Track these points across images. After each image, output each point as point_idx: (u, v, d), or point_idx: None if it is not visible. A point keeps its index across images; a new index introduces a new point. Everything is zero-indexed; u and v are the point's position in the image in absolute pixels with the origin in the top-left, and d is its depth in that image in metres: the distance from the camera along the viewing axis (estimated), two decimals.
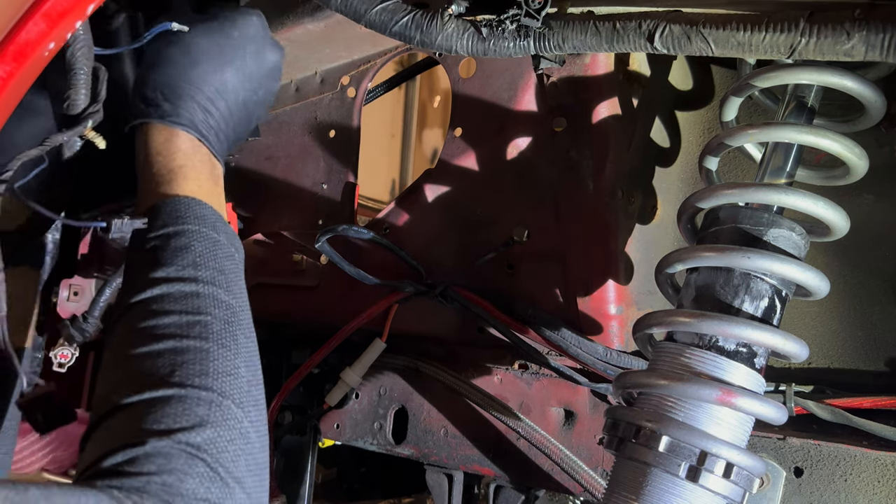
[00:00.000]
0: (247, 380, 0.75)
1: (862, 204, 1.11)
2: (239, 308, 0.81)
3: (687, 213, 1.01)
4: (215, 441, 0.68)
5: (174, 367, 0.71)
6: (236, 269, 0.85)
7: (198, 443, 0.66)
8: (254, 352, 0.80)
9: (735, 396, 0.86)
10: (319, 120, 1.54)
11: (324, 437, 1.62)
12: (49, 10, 0.80)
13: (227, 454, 0.68)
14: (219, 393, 0.71)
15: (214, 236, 0.83)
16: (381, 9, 0.95)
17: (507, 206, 1.30)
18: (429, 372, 1.42)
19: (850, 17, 0.76)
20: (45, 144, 0.88)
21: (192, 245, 0.81)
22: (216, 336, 0.75)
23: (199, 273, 0.79)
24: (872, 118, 0.95)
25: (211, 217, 0.85)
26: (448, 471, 1.44)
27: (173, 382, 0.70)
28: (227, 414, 0.70)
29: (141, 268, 0.82)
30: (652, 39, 0.86)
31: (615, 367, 1.20)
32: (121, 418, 0.69)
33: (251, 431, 0.72)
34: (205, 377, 0.71)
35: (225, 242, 0.85)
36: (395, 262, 1.39)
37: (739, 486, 0.87)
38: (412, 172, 3.98)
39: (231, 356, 0.75)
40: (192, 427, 0.67)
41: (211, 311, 0.77)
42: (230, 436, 0.69)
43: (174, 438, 0.65)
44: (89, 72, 0.91)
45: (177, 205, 0.84)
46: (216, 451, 0.67)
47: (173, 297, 0.77)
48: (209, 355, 0.73)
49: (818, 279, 0.91)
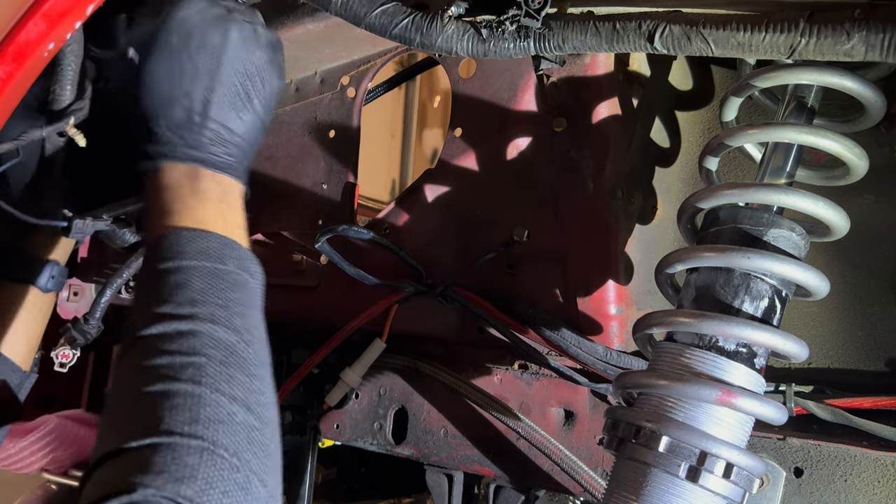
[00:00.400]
0: (246, 425, 0.71)
1: (862, 204, 1.11)
2: (242, 344, 0.76)
3: (687, 213, 1.01)
4: (207, 493, 0.64)
5: (164, 414, 0.68)
6: (245, 300, 0.81)
7: (189, 495, 0.63)
8: (259, 390, 0.75)
9: (735, 397, 0.86)
10: (319, 120, 1.54)
11: (324, 437, 1.62)
12: (49, 11, 0.80)
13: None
14: (210, 442, 0.67)
15: (218, 268, 0.80)
16: (380, 12, 0.95)
17: (507, 206, 1.30)
18: (429, 372, 1.42)
19: (850, 18, 0.76)
20: (21, 139, 0.86)
21: (190, 282, 0.78)
22: (209, 379, 0.71)
23: (196, 310, 0.76)
24: (872, 118, 0.95)
25: (215, 248, 0.82)
26: (448, 471, 1.44)
27: (162, 430, 0.67)
28: (220, 464, 0.66)
29: (143, 301, 0.80)
30: (652, 40, 0.86)
31: (615, 368, 1.20)
32: (113, 464, 0.66)
33: (254, 482, 0.68)
34: (195, 425, 0.67)
35: (233, 270, 0.81)
36: (395, 263, 1.39)
37: (739, 486, 0.87)
38: (412, 172, 3.98)
39: (225, 401, 0.71)
40: (183, 478, 0.64)
41: (206, 351, 0.73)
42: (224, 487, 0.65)
43: (165, 489, 0.62)
44: (77, 69, 0.89)
45: (176, 238, 0.81)
46: (209, 503, 0.64)
47: (169, 336, 0.74)
48: (201, 401, 0.69)
49: (818, 279, 0.91)
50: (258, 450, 0.71)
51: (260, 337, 0.80)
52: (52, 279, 1.09)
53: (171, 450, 0.65)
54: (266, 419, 0.74)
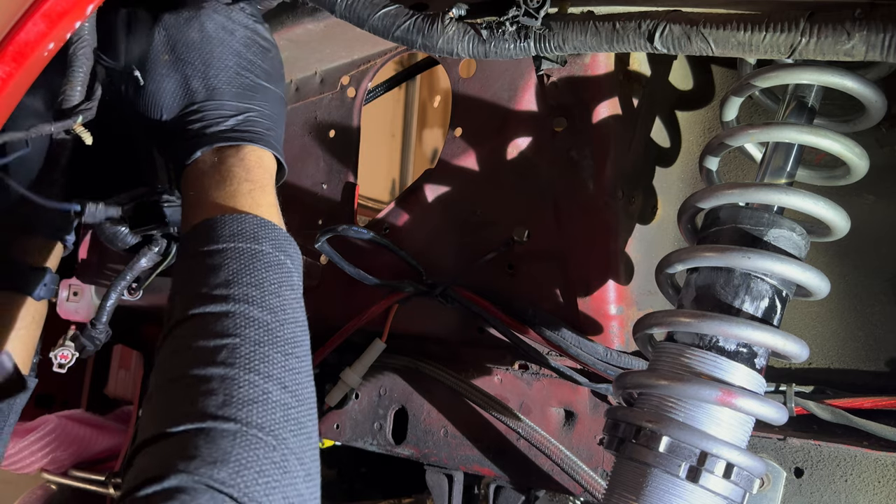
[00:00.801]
0: (281, 403, 0.71)
1: (862, 204, 1.10)
2: (276, 323, 0.76)
3: (687, 213, 1.01)
4: (241, 474, 0.64)
5: (197, 398, 0.68)
6: (281, 280, 0.81)
7: (222, 478, 0.63)
8: (296, 369, 0.75)
9: (735, 397, 0.86)
10: (319, 120, 1.54)
11: (324, 437, 1.62)
12: (48, 11, 0.80)
13: (257, 488, 0.64)
14: (244, 423, 0.67)
15: (253, 248, 0.80)
16: (382, 14, 0.96)
17: (507, 206, 1.30)
18: (429, 372, 1.42)
19: (850, 17, 0.76)
20: (30, 132, 0.89)
21: (224, 264, 0.78)
22: (243, 360, 0.72)
23: (231, 291, 0.76)
24: (873, 118, 0.95)
25: (249, 229, 0.82)
26: (448, 471, 1.44)
27: (195, 415, 0.67)
28: (253, 444, 0.66)
29: (178, 289, 0.81)
30: (652, 39, 0.86)
31: (615, 368, 1.20)
32: (150, 451, 0.67)
33: (290, 460, 0.68)
34: (228, 407, 0.68)
35: (269, 251, 0.81)
36: (396, 263, 1.39)
37: (740, 486, 0.86)
38: (412, 172, 3.98)
39: (259, 381, 0.71)
40: (216, 461, 0.64)
41: (240, 331, 0.74)
42: (260, 467, 0.66)
43: (199, 473, 0.62)
44: (88, 71, 0.92)
45: (209, 224, 0.82)
46: (244, 485, 0.64)
47: (203, 319, 0.75)
48: (234, 383, 0.70)
49: (818, 279, 0.91)
50: (295, 427, 0.71)
51: (296, 317, 0.80)
52: (45, 287, 1.10)
53: (204, 434, 0.66)
54: (303, 398, 0.74)
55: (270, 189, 0.90)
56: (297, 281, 0.84)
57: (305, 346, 0.80)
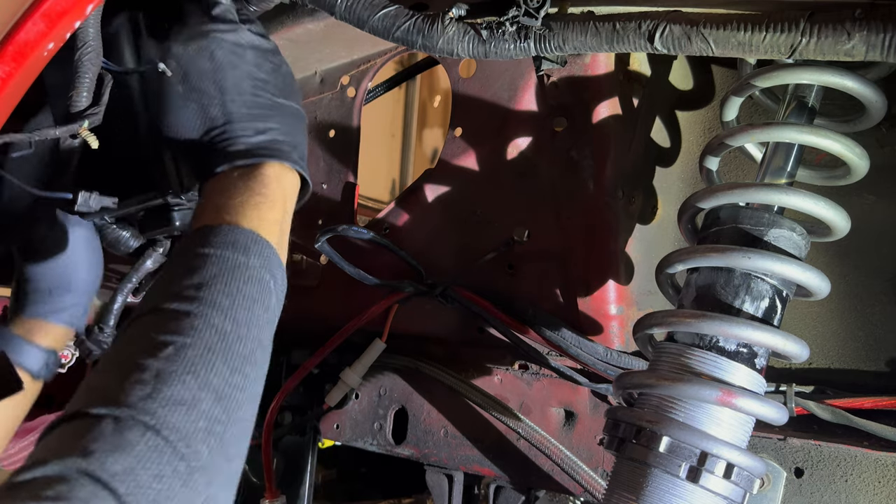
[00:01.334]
0: (208, 415, 0.67)
1: (863, 204, 1.10)
2: (235, 336, 0.73)
3: (687, 213, 1.01)
4: (136, 473, 0.60)
5: (126, 386, 0.66)
6: (257, 297, 0.79)
7: (115, 470, 0.59)
8: (240, 386, 0.71)
9: (735, 397, 0.86)
10: (319, 120, 1.54)
11: (324, 437, 1.62)
12: (48, 10, 0.80)
13: (147, 492, 0.60)
14: (160, 422, 0.63)
15: (239, 260, 0.79)
16: (382, 15, 0.96)
17: (507, 206, 1.30)
18: (429, 372, 1.42)
19: (850, 17, 0.76)
20: (34, 134, 0.90)
21: (204, 267, 0.77)
22: (186, 362, 0.68)
23: (201, 294, 0.74)
24: (873, 118, 0.94)
25: (242, 241, 0.81)
26: (448, 471, 1.44)
27: (115, 401, 0.64)
28: (160, 447, 0.62)
29: (158, 281, 0.80)
30: (652, 40, 0.86)
31: (615, 368, 1.20)
32: (63, 428, 0.64)
33: (196, 477, 0.64)
34: (150, 402, 0.64)
35: (255, 266, 0.80)
36: (396, 263, 1.39)
37: (740, 486, 0.86)
38: (412, 172, 3.98)
39: (194, 385, 0.67)
40: (114, 451, 0.60)
41: (195, 334, 0.71)
42: (158, 471, 0.61)
43: (90, 462, 0.59)
44: (94, 76, 0.93)
45: (205, 231, 0.82)
46: (135, 484, 0.60)
47: (164, 314, 0.73)
48: (167, 380, 0.66)
49: (819, 279, 0.91)
50: (215, 444, 0.66)
51: (261, 337, 0.78)
52: (47, 367, 1.09)
53: (114, 422, 0.63)
54: (236, 418, 0.70)
55: (282, 205, 0.89)
56: (274, 304, 0.82)
57: (260, 369, 0.77)
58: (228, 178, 0.88)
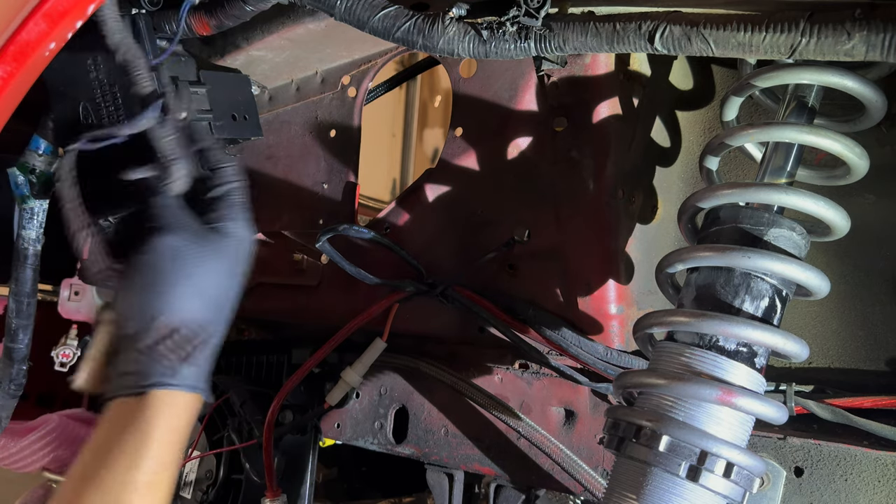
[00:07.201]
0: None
1: (863, 204, 1.11)
2: None
3: (687, 212, 1.01)
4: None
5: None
6: None
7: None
8: None
9: (735, 396, 0.86)
10: (320, 119, 1.54)
11: (324, 436, 1.62)
12: (49, 10, 0.80)
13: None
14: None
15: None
16: (383, 15, 0.96)
17: (507, 205, 1.30)
18: (429, 371, 1.42)
19: (850, 17, 0.76)
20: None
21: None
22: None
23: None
24: (873, 118, 0.95)
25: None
26: (449, 470, 1.44)
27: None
28: None
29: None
30: (652, 40, 0.86)
31: (616, 367, 1.20)
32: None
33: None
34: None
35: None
36: (396, 262, 1.39)
37: (740, 485, 0.87)
38: (413, 172, 3.99)
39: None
40: None
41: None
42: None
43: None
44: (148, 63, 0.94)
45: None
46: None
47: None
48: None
49: (819, 279, 0.91)
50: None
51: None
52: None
53: None
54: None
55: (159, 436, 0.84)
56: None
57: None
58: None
